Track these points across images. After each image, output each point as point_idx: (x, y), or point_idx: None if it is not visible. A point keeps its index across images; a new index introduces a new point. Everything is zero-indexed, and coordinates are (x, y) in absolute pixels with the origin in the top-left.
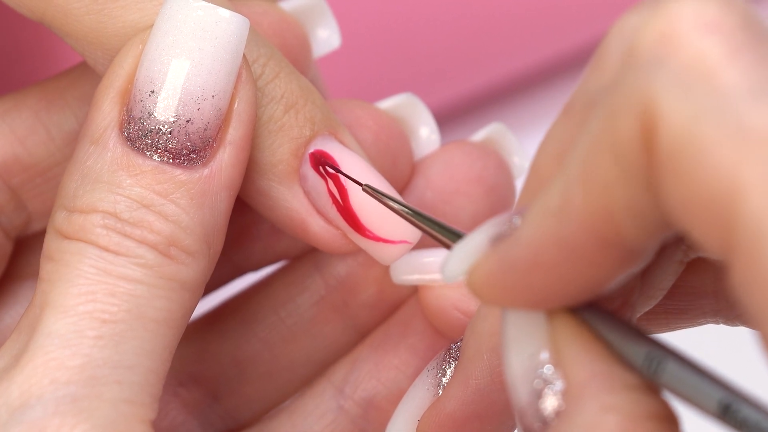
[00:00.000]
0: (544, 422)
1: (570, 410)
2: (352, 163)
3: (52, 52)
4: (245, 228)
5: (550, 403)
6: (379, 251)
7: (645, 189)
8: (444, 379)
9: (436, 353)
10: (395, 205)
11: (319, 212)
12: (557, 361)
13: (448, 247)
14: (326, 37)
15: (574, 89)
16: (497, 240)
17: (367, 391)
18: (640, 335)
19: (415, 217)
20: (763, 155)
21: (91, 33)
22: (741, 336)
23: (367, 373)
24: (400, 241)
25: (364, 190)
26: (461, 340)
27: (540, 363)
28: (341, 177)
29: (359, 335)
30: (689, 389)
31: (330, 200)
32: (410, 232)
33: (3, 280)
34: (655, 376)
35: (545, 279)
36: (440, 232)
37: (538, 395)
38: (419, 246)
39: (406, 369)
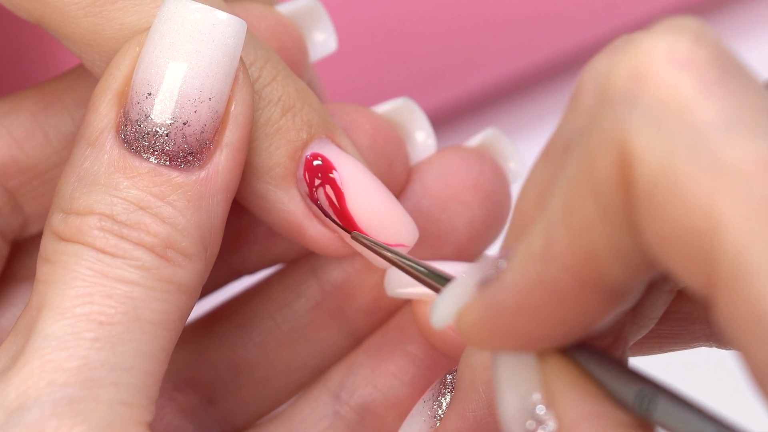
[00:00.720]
0: None
1: None
2: (348, 165)
3: (50, 55)
4: (241, 231)
5: None
6: (375, 255)
7: (625, 228)
8: (440, 411)
9: (432, 361)
10: (386, 253)
11: (316, 215)
12: (549, 402)
13: (438, 292)
14: (323, 41)
15: (552, 132)
16: (484, 284)
17: (363, 397)
18: (631, 373)
19: (404, 262)
20: (738, 189)
21: (89, 35)
22: (731, 359)
23: (363, 379)
24: (397, 245)
25: (353, 237)
26: (455, 370)
27: (532, 403)
28: (337, 180)
29: (355, 341)
30: (682, 425)
31: (327, 203)
32: (406, 236)
33: (0, 282)
34: (648, 413)
35: (532, 322)
36: (431, 278)
37: None
38: (417, 254)
39: (402, 376)
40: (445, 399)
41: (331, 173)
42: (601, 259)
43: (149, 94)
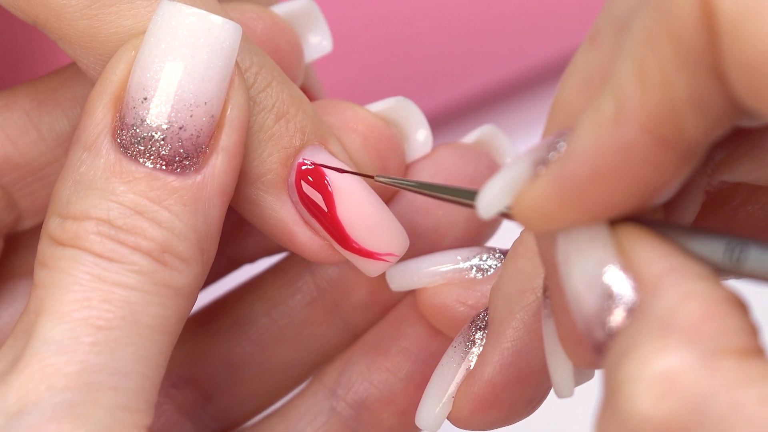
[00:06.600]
0: (612, 329)
1: (645, 303)
2: (340, 173)
3: (47, 56)
4: (239, 222)
5: (626, 298)
6: (364, 264)
7: (707, 72)
8: (474, 349)
9: (427, 356)
10: (410, 186)
11: (306, 222)
12: (627, 264)
13: (471, 206)
14: (318, 42)
15: (597, 18)
16: (542, 165)
17: (359, 393)
18: (708, 231)
19: (430, 189)
20: None
21: (84, 37)
22: None
23: (359, 375)
24: (386, 254)
25: (376, 180)
26: (485, 310)
27: (606, 269)
28: (328, 187)
29: (351, 337)
30: None
31: (317, 210)
32: (396, 244)
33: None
34: (738, 264)
35: (605, 189)
36: (459, 195)
37: (609, 297)
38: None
39: (397, 372)
40: (479, 336)
41: (323, 180)
42: (679, 112)
43: (145, 99)
